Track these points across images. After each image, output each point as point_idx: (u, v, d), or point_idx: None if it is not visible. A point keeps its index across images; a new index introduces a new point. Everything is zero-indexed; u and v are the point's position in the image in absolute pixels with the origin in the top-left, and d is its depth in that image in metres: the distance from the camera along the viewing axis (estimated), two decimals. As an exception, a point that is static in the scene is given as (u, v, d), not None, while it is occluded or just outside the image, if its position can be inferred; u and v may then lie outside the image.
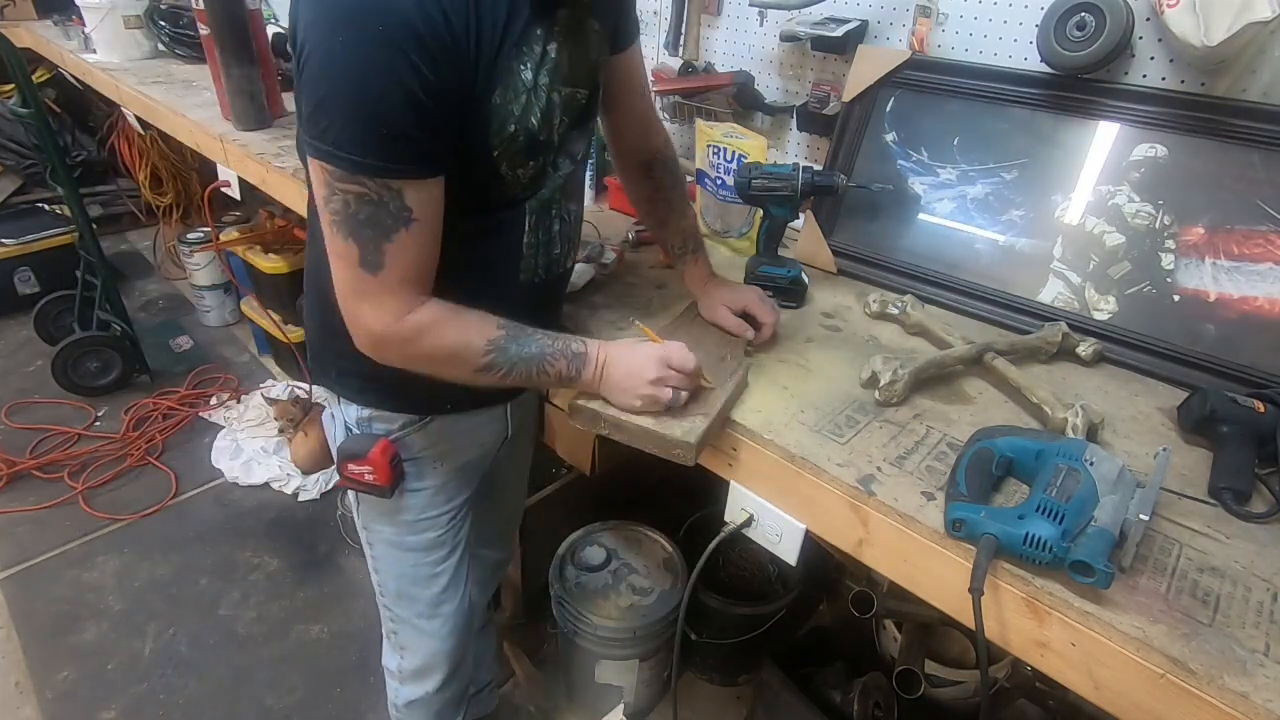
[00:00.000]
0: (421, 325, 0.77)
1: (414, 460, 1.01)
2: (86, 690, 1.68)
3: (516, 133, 0.78)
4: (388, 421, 0.98)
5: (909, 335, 1.12)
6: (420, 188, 0.73)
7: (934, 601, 0.76)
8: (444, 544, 1.11)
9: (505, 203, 0.85)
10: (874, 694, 1.38)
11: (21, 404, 2.55)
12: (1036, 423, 0.92)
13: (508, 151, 0.79)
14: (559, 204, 0.92)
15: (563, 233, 0.94)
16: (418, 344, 0.78)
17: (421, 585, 1.13)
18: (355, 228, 0.72)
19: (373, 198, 0.71)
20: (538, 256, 0.92)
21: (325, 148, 0.69)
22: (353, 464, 0.96)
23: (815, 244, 1.31)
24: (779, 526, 0.89)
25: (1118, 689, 0.65)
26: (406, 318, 0.76)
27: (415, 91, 0.67)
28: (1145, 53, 1.07)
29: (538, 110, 0.79)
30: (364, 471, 0.96)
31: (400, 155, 0.70)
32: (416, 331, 0.77)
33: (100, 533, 2.10)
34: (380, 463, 0.95)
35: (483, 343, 0.79)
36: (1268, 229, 0.97)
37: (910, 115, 1.24)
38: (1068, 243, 1.11)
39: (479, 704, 1.52)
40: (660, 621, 1.45)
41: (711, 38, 1.60)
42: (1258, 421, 0.87)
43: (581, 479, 1.67)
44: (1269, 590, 0.69)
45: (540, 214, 0.89)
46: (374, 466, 0.95)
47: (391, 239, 0.73)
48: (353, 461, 0.96)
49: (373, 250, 0.73)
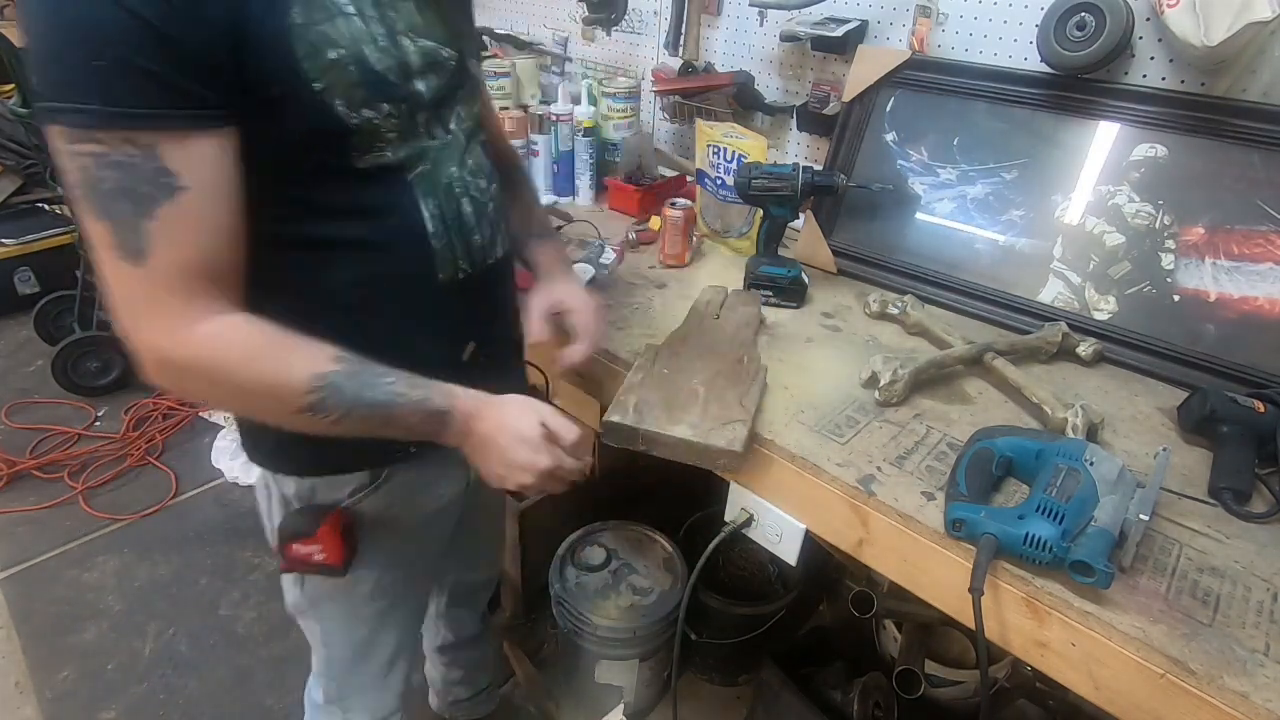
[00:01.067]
0: (219, 341, 0.61)
1: (368, 528, 0.86)
2: (86, 690, 1.68)
3: (343, 61, 0.62)
4: (334, 489, 0.82)
5: (909, 335, 1.12)
6: (184, 144, 0.56)
7: (934, 601, 0.76)
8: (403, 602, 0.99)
9: (373, 169, 0.68)
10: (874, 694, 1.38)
11: (21, 404, 2.55)
12: (1036, 423, 0.92)
13: (339, 85, 0.62)
14: (460, 180, 0.76)
15: (478, 214, 0.78)
16: (216, 366, 0.61)
17: (378, 652, 1.01)
18: (101, 201, 0.56)
19: (115, 158, 0.55)
20: (453, 247, 0.75)
21: (47, 105, 0.54)
22: (298, 544, 0.81)
23: (815, 244, 1.31)
24: (779, 526, 0.89)
25: (1118, 689, 0.65)
26: (196, 328, 0.60)
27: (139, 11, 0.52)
28: (1145, 53, 1.07)
29: (375, 44, 0.64)
30: (312, 551, 0.81)
31: (139, 98, 0.54)
32: (212, 348, 0.60)
33: (100, 533, 2.09)
34: (331, 539, 0.81)
35: (306, 376, 0.63)
36: (1268, 229, 0.97)
37: (910, 115, 1.24)
38: (1068, 243, 1.11)
39: (478, 706, 1.52)
40: (660, 621, 1.44)
41: (711, 38, 1.60)
42: (1258, 421, 0.87)
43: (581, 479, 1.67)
44: (1269, 590, 0.69)
45: (436, 193, 0.73)
46: (324, 545, 0.81)
47: (153, 214, 0.56)
48: (297, 542, 0.81)
49: (129, 230, 0.56)
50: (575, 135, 1.59)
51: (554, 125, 1.58)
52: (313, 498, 0.83)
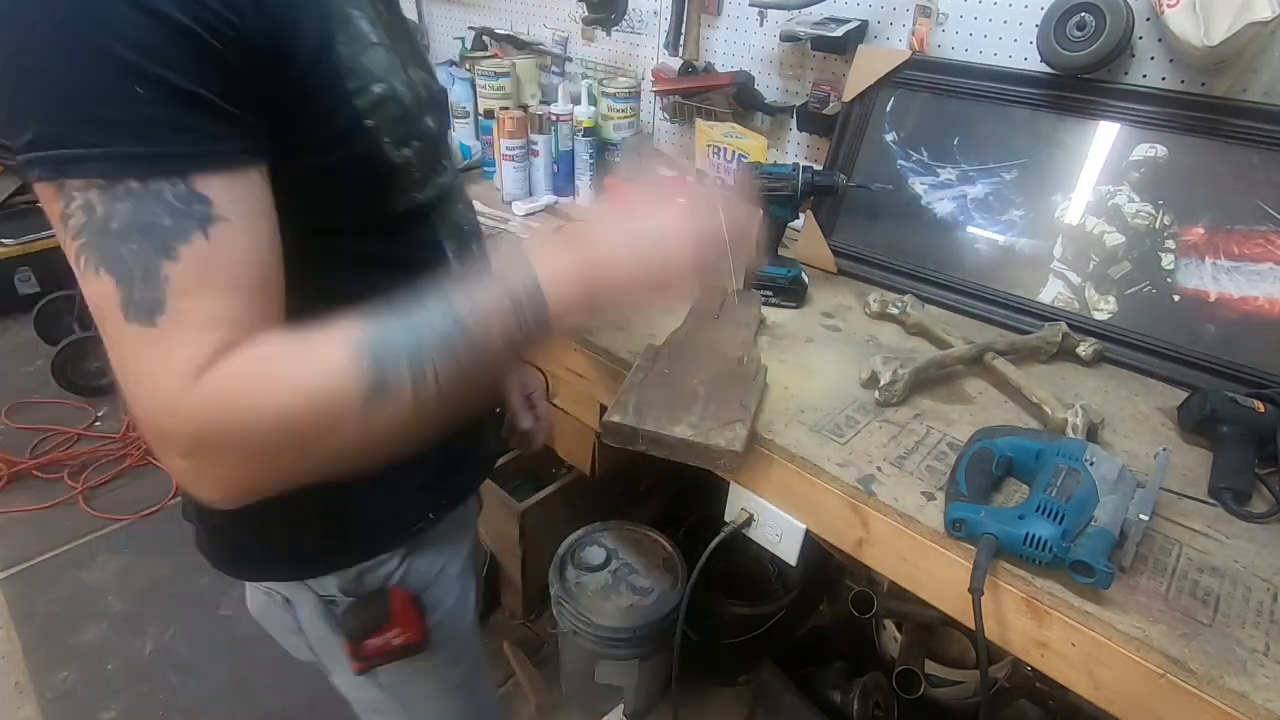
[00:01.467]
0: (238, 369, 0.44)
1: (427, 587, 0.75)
2: (86, 690, 1.68)
3: (384, 97, 0.54)
4: (384, 565, 0.71)
5: (909, 335, 1.12)
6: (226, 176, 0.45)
7: (934, 601, 0.76)
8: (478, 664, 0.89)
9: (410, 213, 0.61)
10: (874, 694, 1.38)
11: (21, 404, 2.55)
12: (1036, 423, 0.92)
13: (383, 121, 0.55)
14: (466, 218, 0.71)
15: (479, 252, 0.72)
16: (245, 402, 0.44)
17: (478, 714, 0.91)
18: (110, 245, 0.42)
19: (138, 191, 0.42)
20: None
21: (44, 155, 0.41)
22: (373, 638, 0.70)
23: (815, 244, 1.31)
24: (779, 526, 0.89)
25: (1118, 689, 0.65)
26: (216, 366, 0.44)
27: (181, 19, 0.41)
28: (1145, 53, 1.07)
29: (399, 77, 0.57)
30: (389, 638, 0.70)
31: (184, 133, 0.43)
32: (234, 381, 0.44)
33: (100, 533, 2.09)
34: (407, 616, 0.70)
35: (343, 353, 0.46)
36: (1268, 229, 0.97)
37: (910, 115, 1.24)
38: (1068, 243, 1.11)
39: None
40: (660, 621, 1.45)
41: (711, 38, 1.60)
42: (1258, 421, 0.87)
43: (581, 479, 1.67)
44: (1269, 590, 0.69)
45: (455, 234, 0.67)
46: (400, 625, 0.70)
47: (175, 254, 0.43)
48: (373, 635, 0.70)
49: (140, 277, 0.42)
50: (575, 135, 1.59)
51: (554, 125, 1.58)
52: (362, 586, 0.71)
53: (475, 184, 1.56)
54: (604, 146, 1.65)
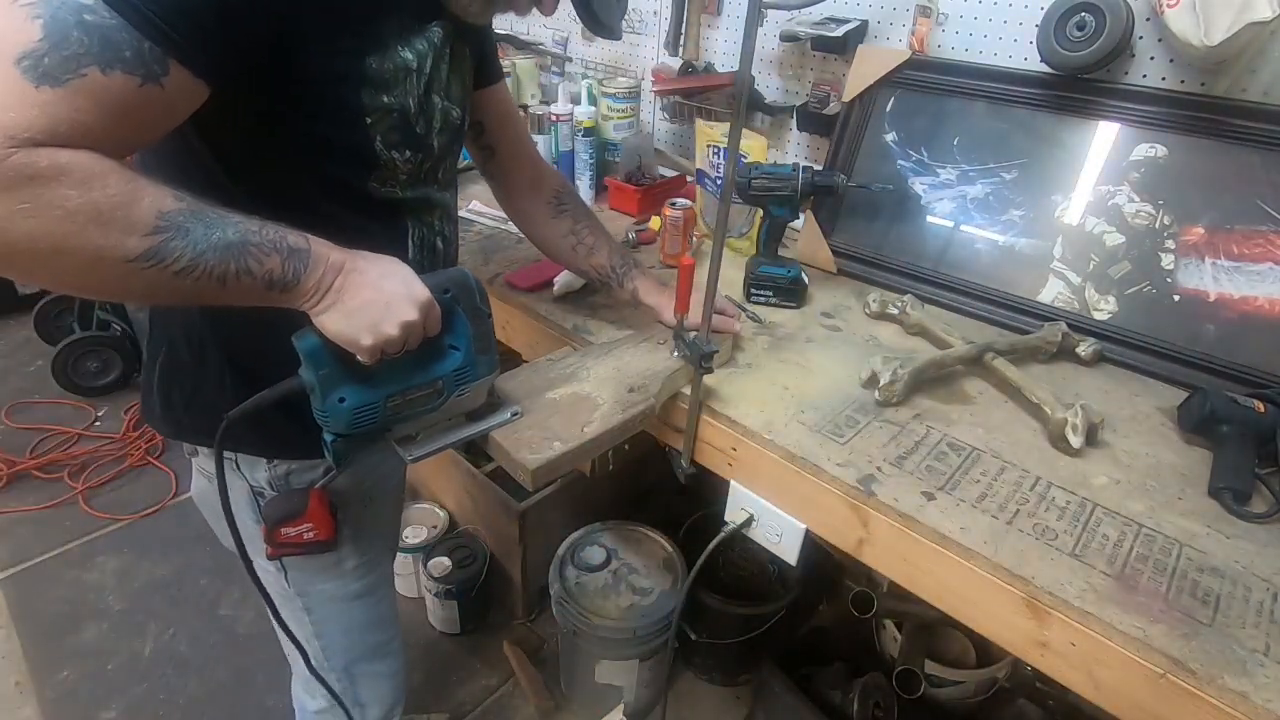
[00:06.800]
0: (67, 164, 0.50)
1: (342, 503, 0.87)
2: (86, 690, 1.68)
3: (390, 107, 0.70)
4: (307, 472, 0.84)
5: (909, 335, 1.12)
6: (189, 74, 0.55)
7: (934, 601, 0.76)
8: (385, 574, 1.03)
9: (385, 200, 0.76)
10: (874, 694, 1.38)
11: (21, 404, 2.55)
12: (1036, 422, 0.92)
13: (381, 123, 0.70)
14: (441, 223, 0.85)
15: (446, 255, 0.88)
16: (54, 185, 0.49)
17: (375, 628, 1.03)
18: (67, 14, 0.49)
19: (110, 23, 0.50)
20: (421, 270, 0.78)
21: None
22: (287, 527, 0.82)
23: (815, 244, 1.31)
24: (779, 526, 0.89)
25: (1118, 689, 0.65)
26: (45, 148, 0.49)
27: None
28: (1145, 53, 1.07)
29: (414, 99, 0.73)
30: (302, 531, 0.82)
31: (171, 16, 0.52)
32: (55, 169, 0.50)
33: (100, 533, 2.09)
34: (321, 514, 0.82)
35: (151, 213, 0.54)
36: (1268, 229, 0.97)
37: (910, 115, 1.24)
38: (1068, 243, 1.11)
39: None
40: (660, 621, 1.45)
41: (711, 38, 1.60)
42: (1258, 421, 0.87)
43: (581, 479, 1.67)
44: (1269, 590, 0.69)
45: (424, 228, 0.82)
46: (314, 522, 0.82)
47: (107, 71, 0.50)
48: (287, 524, 0.82)
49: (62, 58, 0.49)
50: (575, 135, 1.59)
51: (554, 125, 1.58)
52: (288, 483, 0.84)
53: (476, 184, 1.55)
54: (604, 146, 1.65)
